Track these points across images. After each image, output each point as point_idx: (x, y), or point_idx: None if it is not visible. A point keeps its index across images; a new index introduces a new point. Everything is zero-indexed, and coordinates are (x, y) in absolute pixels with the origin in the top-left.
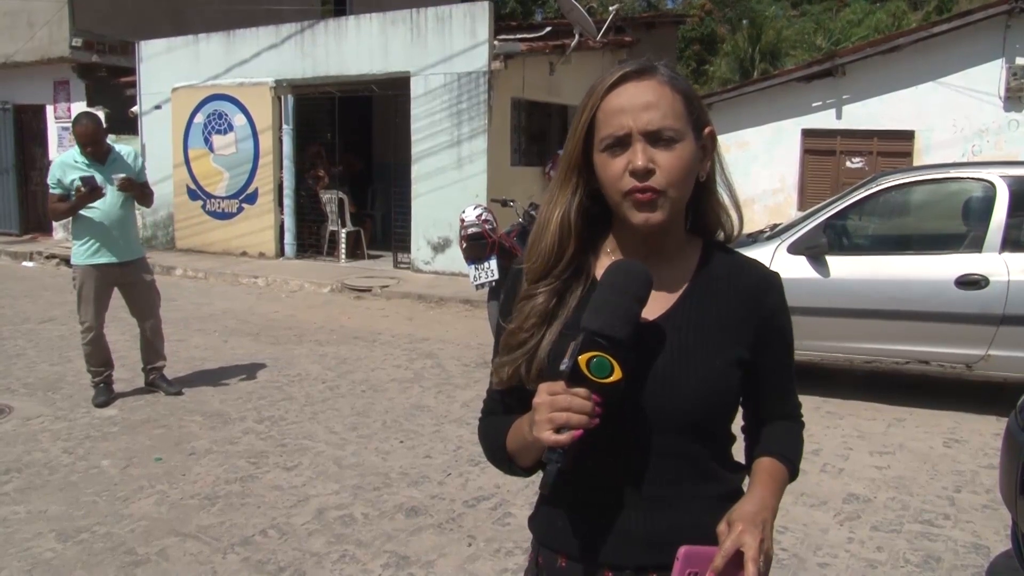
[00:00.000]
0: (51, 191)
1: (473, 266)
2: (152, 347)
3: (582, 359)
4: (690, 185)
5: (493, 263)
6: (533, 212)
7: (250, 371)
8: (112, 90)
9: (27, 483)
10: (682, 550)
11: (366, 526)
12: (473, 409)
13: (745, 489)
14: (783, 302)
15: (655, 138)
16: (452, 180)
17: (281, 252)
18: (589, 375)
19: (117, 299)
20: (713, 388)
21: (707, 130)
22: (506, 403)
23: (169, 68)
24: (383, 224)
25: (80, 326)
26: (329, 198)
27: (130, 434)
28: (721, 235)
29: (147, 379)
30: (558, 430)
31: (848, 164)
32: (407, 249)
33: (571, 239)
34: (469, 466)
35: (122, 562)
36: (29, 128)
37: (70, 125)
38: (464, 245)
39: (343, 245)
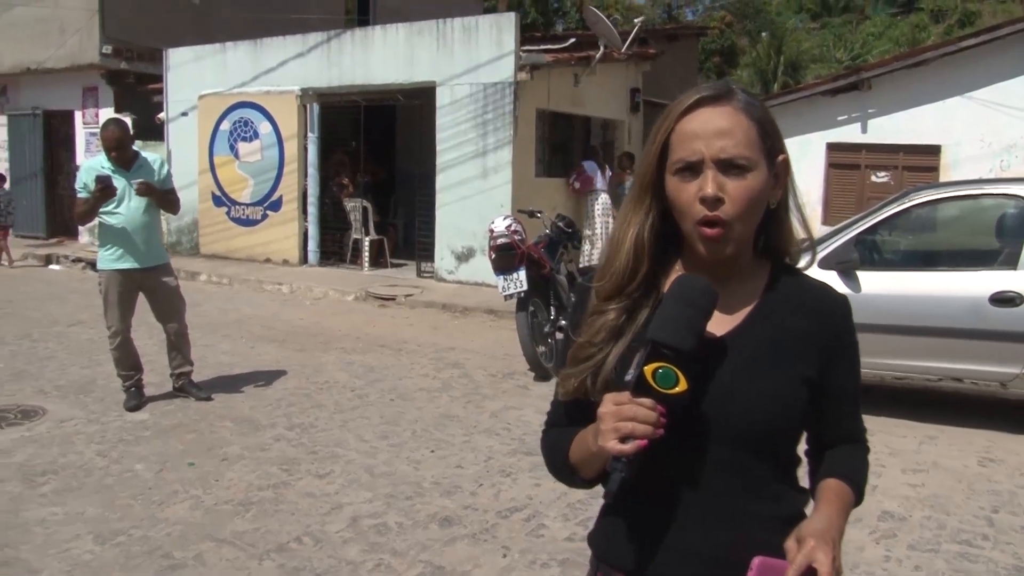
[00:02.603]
0: (78, 195)
1: (502, 276)
2: (178, 352)
3: (648, 369)
4: (759, 214)
5: (522, 274)
6: (560, 223)
7: (278, 378)
8: (140, 97)
9: (64, 485)
10: (756, 560)
11: (400, 535)
12: (502, 420)
13: (809, 514)
14: (851, 325)
15: (727, 166)
16: (477, 190)
17: (305, 259)
18: (654, 385)
19: (145, 304)
20: (778, 404)
21: (781, 158)
22: (570, 415)
23: (196, 75)
24: (405, 233)
25: (107, 331)
26: (353, 206)
27: (162, 438)
28: (789, 260)
29: (175, 384)
30: (623, 440)
31: (873, 178)
32: (431, 258)
33: (644, 259)
34: (501, 477)
35: (160, 566)
36: (57, 133)
37: (98, 131)
38: (493, 256)
39: (366, 253)
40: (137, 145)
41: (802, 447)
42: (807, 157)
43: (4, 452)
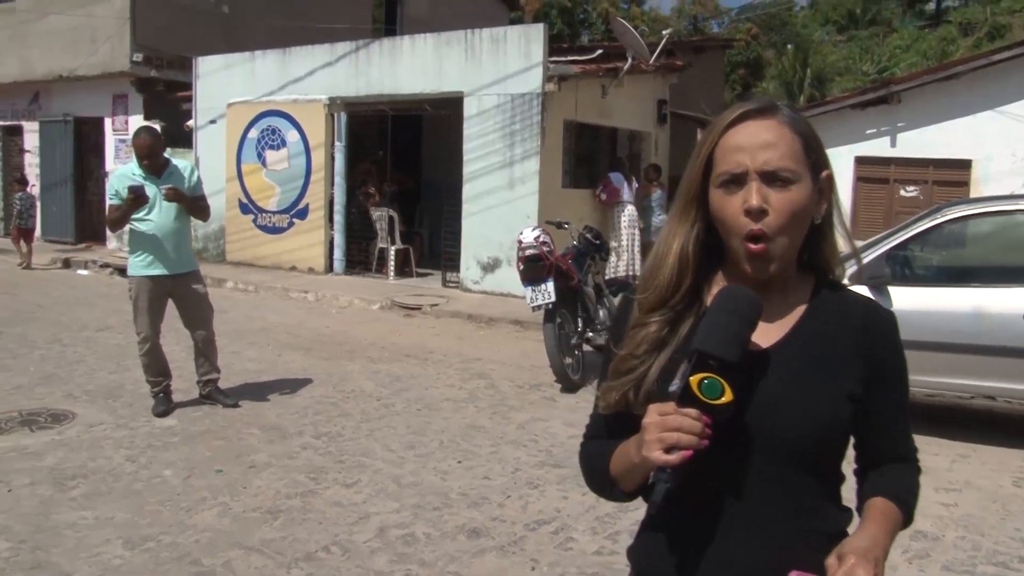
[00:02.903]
0: (109, 202)
1: (530, 288)
2: (206, 358)
3: (693, 380)
4: (803, 228)
5: (550, 285)
6: (588, 235)
7: (304, 386)
8: (169, 104)
9: (93, 489)
10: (793, 574)
11: (428, 546)
12: (529, 432)
13: (853, 533)
14: (897, 341)
15: (771, 178)
16: (503, 200)
17: (330, 268)
18: (700, 396)
19: (172, 310)
20: (823, 417)
21: (825, 174)
22: (611, 428)
23: (225, 84)
24: (430, 242)
25: (137, 336)
26: (380, 215)
27: (190, 445)
28: (833, 275)
29: (202, 391)
30: (668, 450)
31: (902, 193)
32: (456, 268)
33: (688, 272)
34: (528, 489)
35: (188, 572)
36: (87, 140)
37: (127, 138)
38: (521, 266)
39: (392, 262)
40: (167, 152)
41: (849, 465)
42: (835, 171)
43: (35, 455)
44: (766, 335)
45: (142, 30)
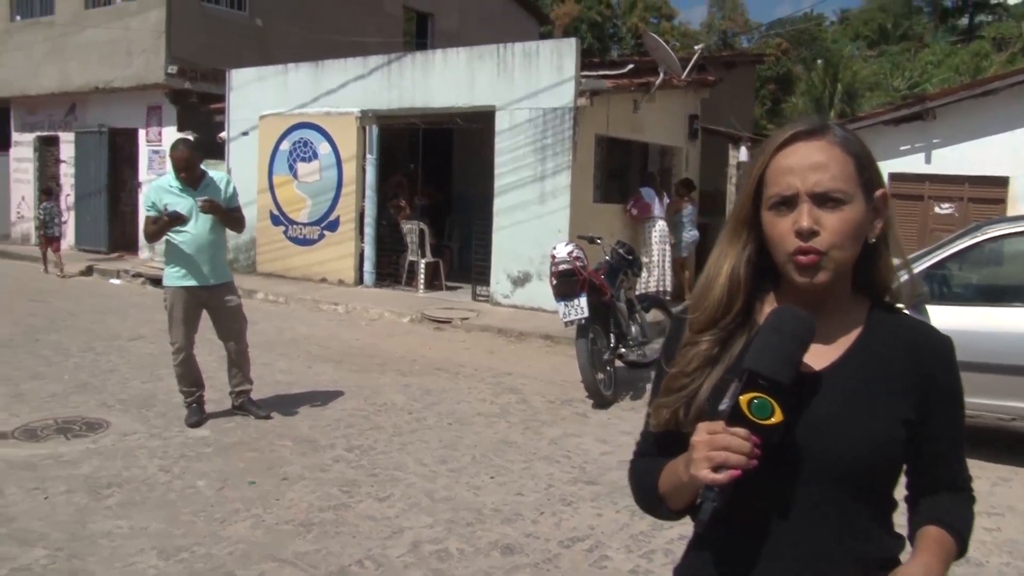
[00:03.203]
0: (146, 213)
1: (563, 303)
2: (238, 369)
3: (743, 399)
4: (856, 247)
5: (583, 300)
6: (620, 250)
7: (336, 398)
8: (202, 116)
9: (128, 498)
10: None
11: (462, 562)
12: (561, 447)
13: (905, 561)
14: (954, 367)
15: (822, 200)
16: (534, 215)
17: (360, 280)
18: (749, 415)
19: (204, 321)
20: (876, 441)
21: (879, 192)
22: (661, 445)
23: (258, 96)
24: (459, 255)
25: (171, 347)
26: (410, 228)
27: (223, 456)
28: (889, 297)
29: (234, 402)
30: (716, 469)
31: (937, 210)
32: (486, 282)
33: (739, 293)
34: (562, 505)
35: None
36: (122, 150)
37: (161, 148)
38: (554, 282)
39: (422, 275)
40: (203, 164)
41: (901, 492)
42: None
43: (71, 463)
44: (819, 356)
45: (177, 43)
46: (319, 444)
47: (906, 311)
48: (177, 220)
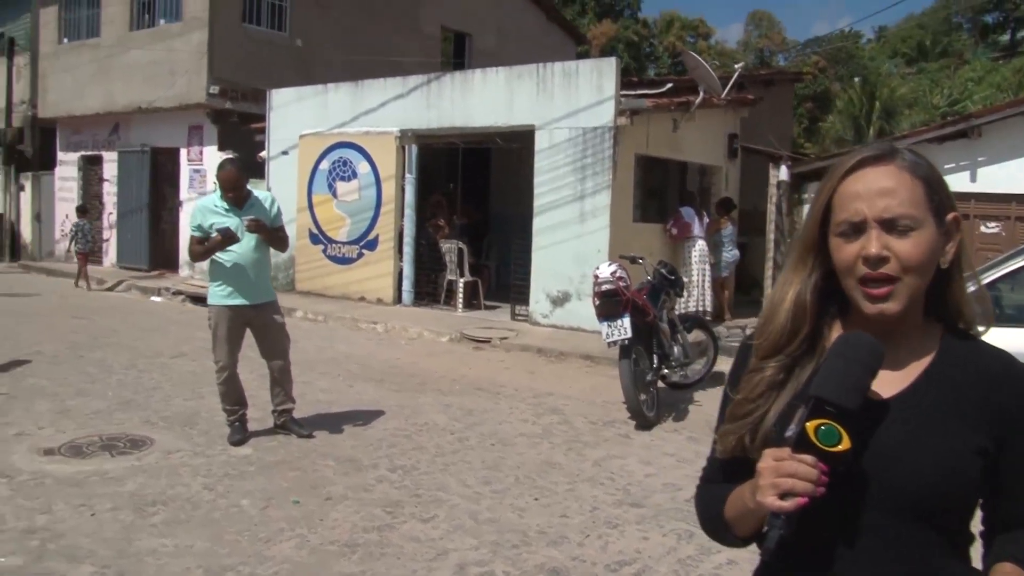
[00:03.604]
0: (192, 233)
1: (606, 323)
2: (281, 388)
3: (810, 426)
4: (928, 273)
5: (627, 321)
6: (663, 270)
7: (377, 418)
8: (242, 135)
9: (172, 516)
10: None
11: None
12: (605, 469)
13: None
14: None
15: (891, 225)
16: (574, 234)
17: (399, 299)
18: (816, 442)
19: (246, 339)
20: (946, 470)
21: (951, 216)
22: (727, 472)
23: (297, 115)
24: (497, 275)
25: (215, 365)
26: (449, 248)
27: (266, 475)
28: (963, 323)
29: (277, 421)
30: (782, 496)
31: (983, 229)
32: (525, 301)
33: (805, 320)
34: (607, 528)
35: None
36: (163, 169)
37: (201, 168)
38: (597, 302)
39: (460, 295)
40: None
41: (977, 525)
42: None
43: (116, 480)
44: (889, 384)
45: (218, 64)
46: (362, 464)
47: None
48: (230, 239)
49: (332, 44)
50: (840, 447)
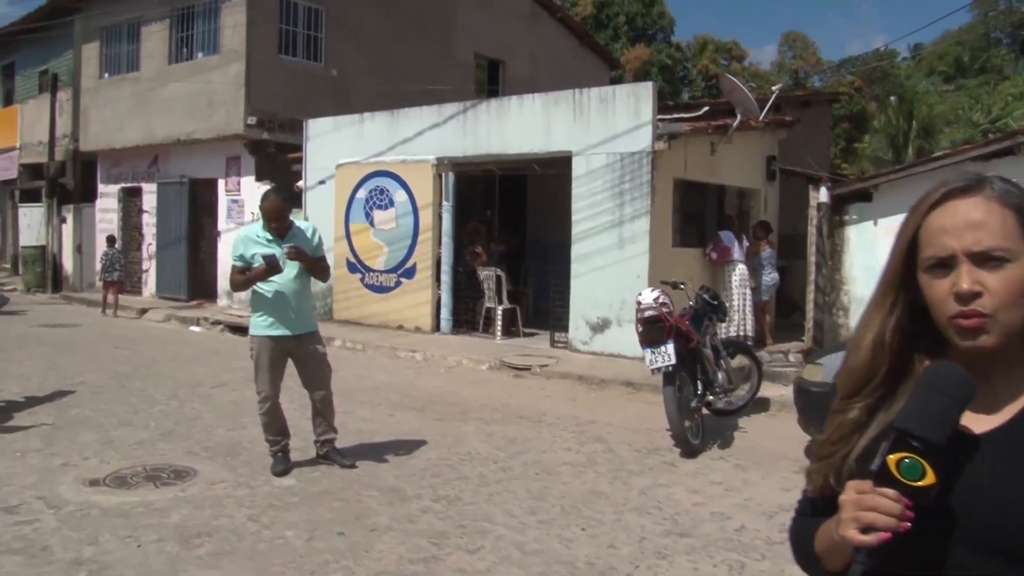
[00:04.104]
0: (233, 263)
1: (649, 350)
2: (323, 418)
3: (892, 459)
4: None
5: (670, 347)
6: (705, 295)
7: (420, 447)
8: (279, 165)
9: (218, 548)
10: None
11: None
12: (652, 498)
13: None
14: None
15: (983, 259)
16: (612, 260)
17: (437, 327)
18: (899, 477)
19: (287, 369)
20: None
21: None
22: (817, 508)
23: (334, 145)
24: (535, 302)
25: (257, 395)
26: (487, 275)
27: (310, 505)
28: None
29: (319, 451)
30: (865, 530)
31: None
32: (564, 328)
33: (884, 359)
34: (656, 559)
35: None
36: (202, 200)
37: (239, 198)
38: (640, 328)
39: (499, 322)
40: None
41: None
42: None
43: (161, 511)
44: (984, 419)
45: (255, 95)
46: (406, 494)
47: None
48: (274, 269)
49: (367, 73)
50: (924, 482)
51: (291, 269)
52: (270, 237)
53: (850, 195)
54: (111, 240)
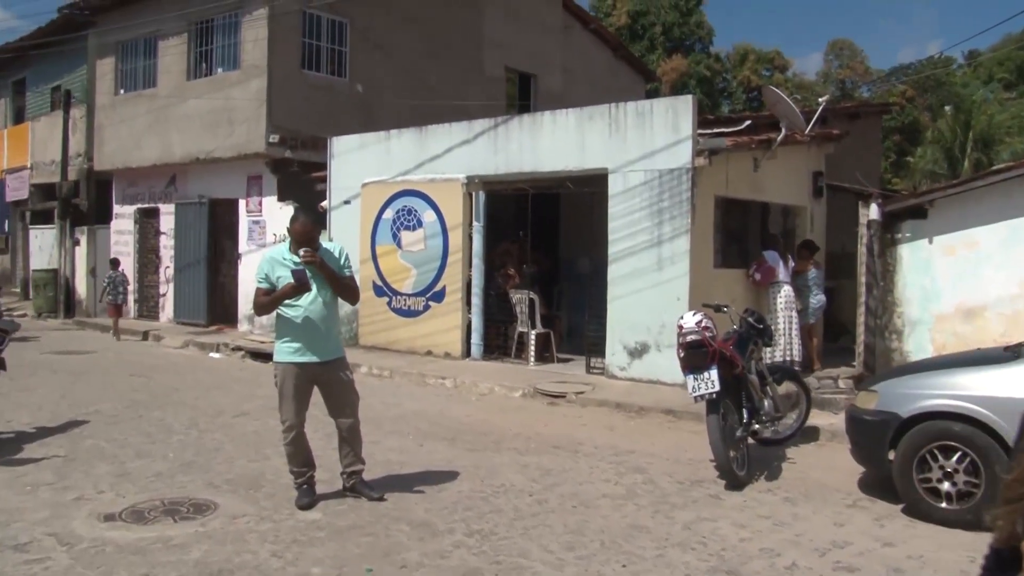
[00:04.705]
0: (258, 285)
1: (692, 376)
2: (350, 448)
3: None
4: None
5: (714, 373)
6: (750, 318)
7: (451, 479)
8: (303, 184)
9: None
10: None
11: None
12: (696, 533)
13: None
14: None
15: None
16: (651, 282)
17: (467, 353)
18: None
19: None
20: None
21: None
22: (1004, 562)
23: (360, 163)
24: (569, 326)
25: (281, 425)
26: (519, 298)
27: (337, 540)
28: None
29: (346, 483)
30: None
31: None
32: (601, 353)
33: None
34: None
35: None
36: (222, 221)
37: (261, 219)
38: (682, 353)
39: (532, 347)
40: None
41: None
42: (1021, 243)
43: (180, 547)
44: None
45: (277, 111)
46: (437, 528)
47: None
48: (302, 287)
49: (394, 89)
50: None
51: (319, 294)
52: (297, 260)
53: (903, 212)
54: (115, 262)
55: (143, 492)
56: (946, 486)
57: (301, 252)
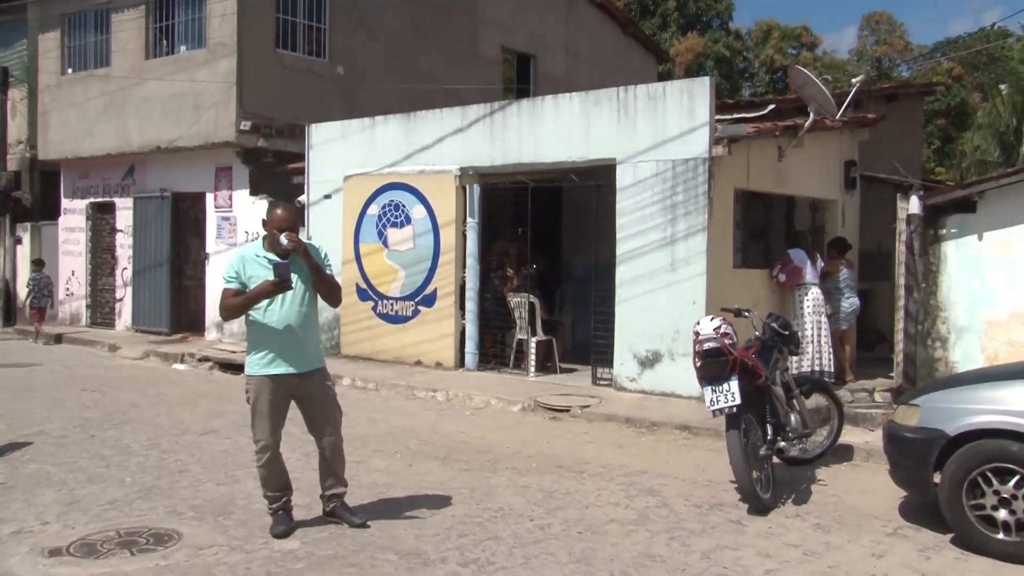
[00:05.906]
0: (226, 285)
1: (709, 387)
2: (331, 470)
3: None
4: None
5: (734, 384)
6: (774, 324)
7: (444, 503)
8: (278, 177)
9: None
10: None
11: None
12: (716, 563)
13: None
14: None
15: None
16: (664, 284)
17: (461, 362)
18: None
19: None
20: None
21: None
22: None
23: (341, 154)
24: (573, 332)
25: (254, 445)
26: (518, 302)
27: (316, 572)
28: None
29: (326, 508)
30: None
31: None
32: (608, 363)
33: None
34: None
35: None
36: (186, 217)
37: (231, 215)
38: (699, 363)
39: (532, 356)
40: None
41: None
42: None
43: None
44: None
45: (249, 96)
46: (428, 558)
47: None
48: (283, 285)
49: (379, 71)
50: None
51: (295, 297)
52: (273, 258)
53: (948, 205)
54: (38, 263)
55: (95, 522)
56: (1003, 514)
57: (284, 236)
